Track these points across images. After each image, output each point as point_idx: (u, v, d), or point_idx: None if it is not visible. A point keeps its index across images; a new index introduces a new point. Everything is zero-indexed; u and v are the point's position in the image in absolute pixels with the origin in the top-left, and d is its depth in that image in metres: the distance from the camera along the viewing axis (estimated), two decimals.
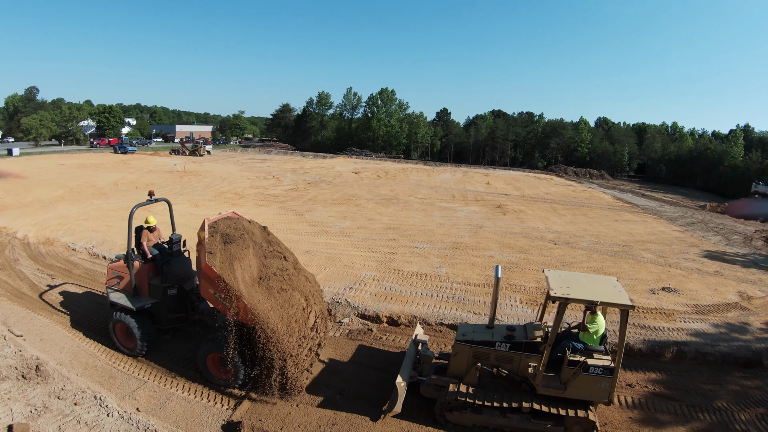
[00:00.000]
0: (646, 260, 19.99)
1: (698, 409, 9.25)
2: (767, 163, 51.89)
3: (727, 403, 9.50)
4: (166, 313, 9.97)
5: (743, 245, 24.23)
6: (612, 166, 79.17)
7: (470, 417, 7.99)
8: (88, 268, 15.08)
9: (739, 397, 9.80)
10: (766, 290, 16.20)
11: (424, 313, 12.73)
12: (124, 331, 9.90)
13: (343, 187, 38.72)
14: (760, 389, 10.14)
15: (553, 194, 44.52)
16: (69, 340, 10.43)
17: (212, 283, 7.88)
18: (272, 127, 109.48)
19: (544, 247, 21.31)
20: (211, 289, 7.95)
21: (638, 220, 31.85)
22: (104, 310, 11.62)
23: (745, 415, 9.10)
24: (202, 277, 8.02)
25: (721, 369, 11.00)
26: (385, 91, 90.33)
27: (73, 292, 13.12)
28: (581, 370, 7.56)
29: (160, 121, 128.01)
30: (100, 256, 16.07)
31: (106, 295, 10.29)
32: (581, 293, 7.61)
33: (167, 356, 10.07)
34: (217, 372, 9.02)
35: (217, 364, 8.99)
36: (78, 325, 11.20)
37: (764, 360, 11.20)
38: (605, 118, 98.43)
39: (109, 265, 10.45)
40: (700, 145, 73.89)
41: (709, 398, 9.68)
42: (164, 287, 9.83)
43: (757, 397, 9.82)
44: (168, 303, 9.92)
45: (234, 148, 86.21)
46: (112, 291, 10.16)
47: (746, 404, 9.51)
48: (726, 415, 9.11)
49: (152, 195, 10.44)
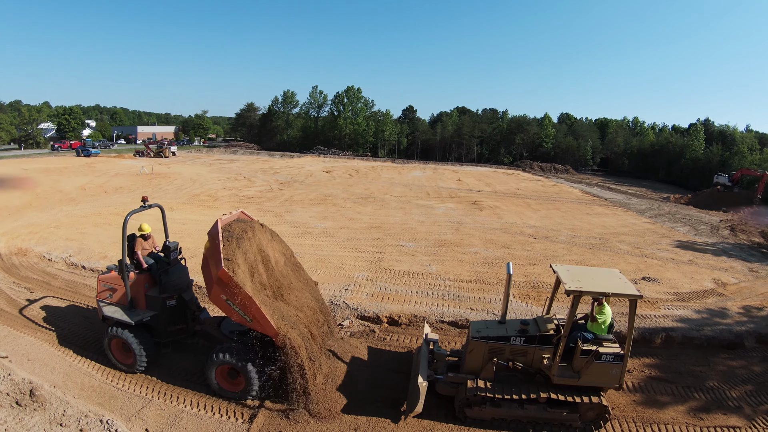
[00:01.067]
0: (623, 252, 21.10)
1: (692, 389, 10.01)
2: (727, 155, 55.34)
3: (718, 383, 10.33)
4: (165, 326, 9.70)
5: (711, 235, 25.95)
6: (576, 161, 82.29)
7: (489, 411, 8.35)
8: (67, 279, 14.45)
9: (728, 376, 10.67)
10: (738, 277, 17.50)
11: (423, 311, 13.04)
12: (121, 346, 9.54)
13: (318, 187, 38.65)
14: (745, 368, 11.06)
15: (523, 189, 45.96)
16: (59, 359, 9.95)
17: (227, 289, 7.76)
18: (237, 127, 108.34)
19: (525, 242, 22.10)
20: (224, 296, 7.84)
21: (609, 213, 33.41)
22: (92, 325, 11.24)
23: (736, 393, 9.93)
24: (215, 283, 7.85)
25: (708, 351, 11.90)
26: (351, 89, 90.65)
27: (56, 306, 12.53)
28: (594, 358, 8.05)
29: (121, 122, 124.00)
30: (78, 265, 15.45)
31: (98, 309, 9.89)
32: (593, 286, 8.11)
33: (168, 371, 9.77)
34: (228, 384, 8.84)
35: (227, 376, 8.82)
36: (66, 341, 10.69)
37: (745, 341, 12.20)
38: (568, 114, 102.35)
39: (99, 276, 10.01)
40: (661, 139, 77.99)
41: (701, 379, 10.48)
42: (163, 298, 9.55)
43: (743, 375, 10.72)
44: (167, 315, 9.66)
45: (199, 149, 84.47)
46: (105, 305, 9.76)
47: (735, 383, 10.38)
48: (718, 393, 9.91)
49: (146, 201, 10.05)
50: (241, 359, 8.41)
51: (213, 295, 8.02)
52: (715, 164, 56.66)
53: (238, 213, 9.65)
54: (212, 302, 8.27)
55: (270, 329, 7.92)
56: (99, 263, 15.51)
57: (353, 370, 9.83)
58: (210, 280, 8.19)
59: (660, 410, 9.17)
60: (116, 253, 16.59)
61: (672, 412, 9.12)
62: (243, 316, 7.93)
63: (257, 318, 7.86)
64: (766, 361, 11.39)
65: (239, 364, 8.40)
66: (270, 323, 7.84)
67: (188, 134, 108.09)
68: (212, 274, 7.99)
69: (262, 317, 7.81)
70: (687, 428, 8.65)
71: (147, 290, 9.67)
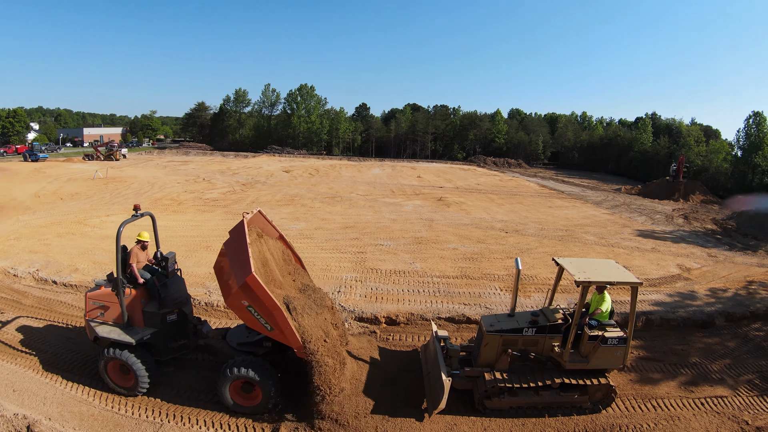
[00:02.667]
0: (590, 242, 22.59)
1: (678, 366, 11.12)
2: (675, 147, 59.69)
3: (699, 359, 11.52)
4: (166, 343, 9.28)
5: (667, 223, 28.22)
6: (528, 155, 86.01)
7: (508, 401, 8.90)
8: (39, 296, 13.53)
9: (706, 352, 11.90)
10: (700, 262, 19.28)
11: (419, 309, 13.48)
12: (118, 368, 9.03)
13: (281, 187, 38.34)
14: (720, 344, 12.38)
15: (483, 185, 47.65)
16: (49, 388, 9.25)
17: (251, 296, 7.60)
18: (187, 127, 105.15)
19: (498, 237, 23.12)
20: (247, 302, 7.68)
21: (569, 205, 35.41)
22: (77, 346, 10.67)
23: (716, 366, 11.15)
24: (240, 288, 7.60)
25: (684, 331, 13.16)
26: (305, 87, 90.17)
27: (32, 326, 11.73)
28: (600, 342, 8.83)
29: (65, 124, 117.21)
30: (49, 281, 14.53)
31: (88, 330, 9.33)
32: (599, 276, 8.88)
33: (172, 390, 9.35)
34: (243, 400, 8.64)
35: (241, 391, 8.61)
36: (51, 366, 9.98)
37: (716, 320, 13.60)
38: (518, 110, 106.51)
39: (87, 294, 9.38)
40: (610, 132, 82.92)
41: (684, 356, 11.63)
42: (163, 314, 9.12)
43: (720, 351, 12.00)
44: (168, 331, 9.25)
45: (149, 151, 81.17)
46: (97, 324, 9.18)
47: (714, 358, 11.61)
48: (701, 368, 11.07)
49: (138, 209, 9.61)
50: (259, 372, 8.28)
51: (232, 300, 7.84)
52: (663, 156, 61.07)
53: (257, 212, 9.43)
54: (229, 306, 8.15)
55: (294, 341, 7.87)
56: (71, 277, 14.74)
57: (369, 371, 9.96)
58: (230, 283, 8.00)
59: (655, 386, 10.15)
60: (87, 265, 15.94)
61: (665, 388, 10.12)
62: (264, 324, 7.85)
63: (282, 328, 7.78)
64: (737, 337, 12.79)
65: (257, 378, 8.24)
66: (295, 334, 7.81)
67: (137, 135, 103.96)
68: (234, 278, 7.82)
69: (287, 327, 7.76)
70: (681, 401, 9.63)
71: (144, 306, 9.20)
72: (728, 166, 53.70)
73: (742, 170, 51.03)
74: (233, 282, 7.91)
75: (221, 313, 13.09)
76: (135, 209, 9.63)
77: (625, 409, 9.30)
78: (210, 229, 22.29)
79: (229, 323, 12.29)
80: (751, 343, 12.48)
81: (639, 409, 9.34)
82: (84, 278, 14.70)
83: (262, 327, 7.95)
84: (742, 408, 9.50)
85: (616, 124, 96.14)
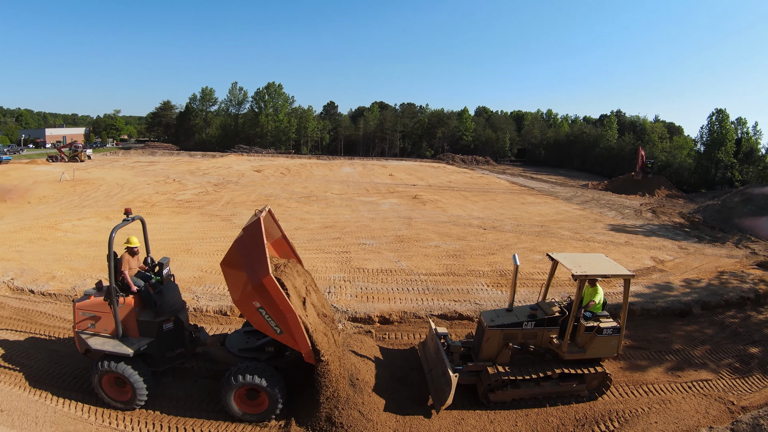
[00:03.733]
0: (566, 237, 23.45)
1: (663, 353, 11.80)
2: (639, 144, 62.31)
3: (681, 345, 12.26)
4: (163, 352, 8.98)
5: (636, 217, 29.57)
6: (495, 152, 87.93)
7: (511, 393, 9.24)
8: (16, 307, 12.82)
9: (687, 339, 12.67)
10: (672, 254, 20.37)
11: (411, 307, 13.69)
12: (113, 382, 8.70)
13: (254, 187, 37.90)
14: (699, 332, 13.19)
15: (455, 182, 48.50)
16: (38, 406, 8.71)
17: (265, 297, 7.47)
18: (152, 127, 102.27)
19: (478, 233, 23.67)
20: (259, 303, 7.58)
21: (541, 201, 36.52)
22: (63, 359, 10.25)
23: (698, 352, 11.90)
24: (254, 288, 7.47)
25: (664, 320, 13.94)
26: (273, 85, 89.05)
27: (11, 339, 11.09)
28: (596, 333, 9.31)
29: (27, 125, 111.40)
30: (25, 290, 13.76)
31: (77, 342, 8.94)
32: (594, 269, 9.34)
33: (171, 401, 8.97)
34: (248, 407, 8.52)
35: (245, 398, 8.47)
36: (39, 382, 9.43)
37: (693, 309, 14.44)
38: (485, 107, 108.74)
39: (76, 304, 8.92)
40: (576, 129, 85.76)
41: (667, 344, 12.34)
42: (159, 322, 8.82)
43: (700, 338, 12.79)
44: (165, 340, 8.97)
45: (114, 151, 78.26)
46: (89, 336, 8.79)
47: (695, 344, 12.38)
48: (685, 354, 11.80)
49: (129, 213, 9.09)
50: (266, 378, 8.21)
51: (243, 300, 7.72)
52: (628, 153, 63.70)
53: (267, 210, 9.18)
54: (237, 306, 8.04)
55: (305, 345, 7.80)
56: (48, 285, 14.06)
57: (372, 371, 10.00)
58: (241, 283, 7.81)
59: (644, 373, 10.75)
60: (64, 272, 15.31)
61: (654, 374, 10.74)
62: (273, 327, 7.77)
63: (293, 334, 7.68)
64: (714, 325, 13.65)
65: (264, 384, 8.15)
66: (306, 339, 7.75)
67: (100, 136, 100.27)
68: (247, 278, 7.65)
69: (299, 331, 7.68)
70: (670, 385, 10.27)
71: (138, 315, 8.85)
72: (692, 161, 56.57)
73: (705, 165, 53.93)
74: (246, 282, 7.73)
75: (211, 318, 12.95)
76: (126, 213, 9.15)
77: (619, 395, 9.83)
78: (187, 231, 21.85)
79: (221, 328, 12.18)
80: (728, 329, 13.36)
81: (632, 395, 9.89)
82: (62, 286, 14.13)
83: (271, 330, 7.86)
84: (726, 390, 10.23)
85: (581, 121, 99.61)
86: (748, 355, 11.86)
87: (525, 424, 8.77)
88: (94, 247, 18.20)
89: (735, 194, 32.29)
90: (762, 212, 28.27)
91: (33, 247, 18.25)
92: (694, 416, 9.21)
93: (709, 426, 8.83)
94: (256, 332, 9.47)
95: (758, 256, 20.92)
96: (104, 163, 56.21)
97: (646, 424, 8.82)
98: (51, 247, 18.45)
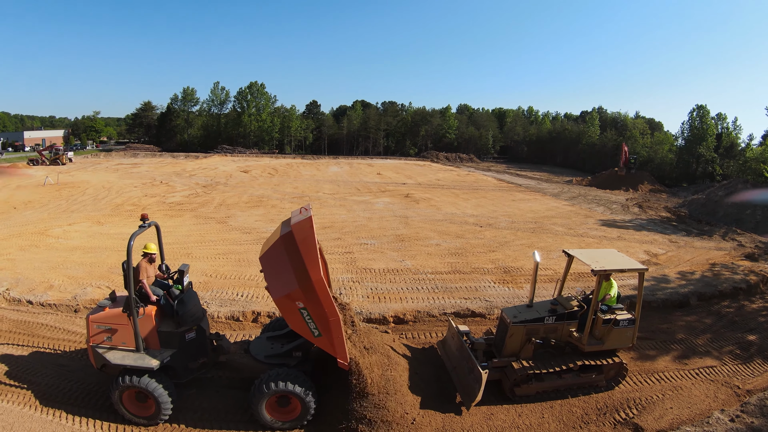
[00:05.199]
0: (561, 233, 24.17)
1: (668, 342, 12.45)
2: (621, 140, 63.94)
3: (684, 335, 12.94)
4: (186, 364, 8.83)
5: (624, 212, 30.55)
6: (478, 150, 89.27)
7: (535, 386, 9.69)
8: (15, 319, 12.54)
9: (689, 329, 13.36)
10: (664, 248, 21.22)
11: (424, 306, 14.03)
12: (134, 397, 8.50)
13: (245, 188, 37.84)
14: (698, 321, 13.92)
15: (443, 180, 49.15)
16: (55, 426, 8.43)
17: (311, 298, 7.45)
18: (133, 128, 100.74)
19: (475, 231, 24.21)
20: (302, 303, 7.52)
21: (530, 198, 37.36)
22: (72, 374, 9.98)
23: (701, 341, 12.59)
24: (300, 287, 7.38)
25: (665, 311, 14.63)
26: (255, 84, 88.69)
27: (15, 355, 10.78)
28: (613, 325, 9.85)
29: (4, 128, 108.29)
30: (23, 300, 13.43)
31: (92, 357, 8.64)
32: (611, 264, 9.88)
33: (195, 413, 8.86)
34: (280, 415, 8.49)
35: (276, 405, 8.43)
36: (49, 401, 9.11)
37: (691, 300, 15.18)
38: (466, 105, 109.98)
39: (90, 317, 8.57)
40: (558, 126, 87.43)
41: (671, 334, 13.00)
42: (182, 332, 8.65)
43: (700, 327, 13.51)
44: (188, 350, 8.80)
45: (95, 153, 76.57)
46: (106, 350, 8.50)
47: (696, 334, 13.08)
48: (688, 343, 12.47)
49: (146, 219, 8.86)
50: (299, 384, 8.19)
51: (286, 299, 7.60)
52: (610, 148, 65.40)
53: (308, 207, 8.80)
54: (277, 304, 7.85)
55: (342, 351, 7.85)
56: (47, 295, 13.79)
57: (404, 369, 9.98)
58: (285, 280, 7.67)
59: (654, 362, 11.36)
60: (62, 281, 15.12)
61: (663, 363, 11.36)
62: (312, 329, 7.74)
63: (333, 337, 7.72)
64: (712, 314, 14.41)
65: (297, 390, 8.13)
66: (344, 345, 7.79)
67: (79, 138, 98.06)
68: (293, 276, 7.52)
69: (339, 336, 7.73)
70: (679, 373, 10.90)
71: (158, 326, 8.63)
72: (673, 156, 58.36)
73: (687, 160, 55.75)
74: (291, 280, 7.56)
75: (223, 324, 12.91)
76: (143, 219, 8.88)
77: (634, 384, 10.40)
78: (184, 235, 21.75)
79: (234, 335, 12.25)
80: (725, 318, 14.13)
81: (646, 383, 10.47)
82: (62, 296, 13.90)
83: (309, 332, 7.81)
84: (731, 375, 10.92)
85: (562, 118, 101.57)
86: (747, 342, 12.61)
87: (551, 416, 9.24)
88: (90, 254, 18.07)
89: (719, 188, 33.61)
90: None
91: (25, 255, 17.92)
92: (704, 400, 9.82)
93: (721, 409, 9.45)
94: (280, 338, 9.62)
95: (745, 248, 21.97)
96: (86, 166, 55.25)
97: (662, 410, 9.39)
98: (44, 254, 18.08)
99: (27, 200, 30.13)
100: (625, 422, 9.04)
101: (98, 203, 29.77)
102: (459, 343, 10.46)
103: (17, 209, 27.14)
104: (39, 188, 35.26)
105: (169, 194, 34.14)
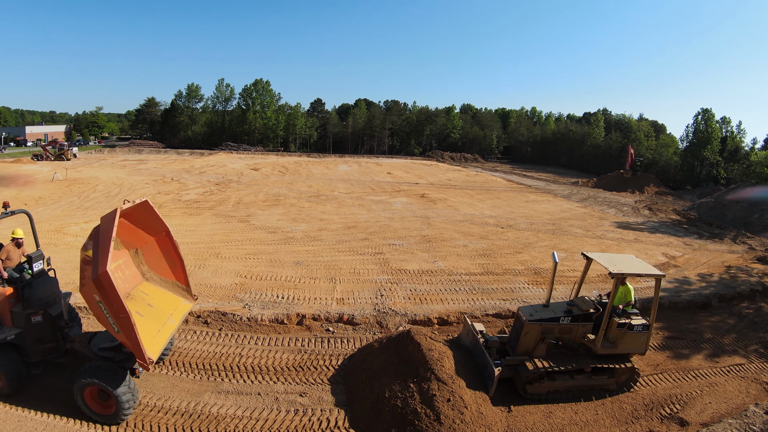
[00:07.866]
0: (580, 235, 25.02)
1: (697, 341, 13.32)
2: (626, 141, 64.89)
3: (712, 335, 13.81)
4: (33, 345, 9.29)
5: (635, 215, 31.45)
6: (482, 150, 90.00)
7: (547, 385, 10.14)
8: None
9: (715, 329, 14.25)
10: (680, 251, 22.11)
11: (466, 308, 14.62)
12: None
13: (259, 186, 38.41)
14: (722, 322, 14.81)
15: (454, 180, 49.91)
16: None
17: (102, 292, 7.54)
18: (136, 124, 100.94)
19: (497, 232, 25.01)
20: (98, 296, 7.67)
21: (543, 199, 38.22)
22: None
23: (727, 340, 13.48)
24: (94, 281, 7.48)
25: (690, 312, 15.51)
26: (260, 81, 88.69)
27: None
28: (627, 329, 10.35)
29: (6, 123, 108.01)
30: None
31: None
32: (629, 269, 10.39)
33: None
34: (98, 407, 8.77)
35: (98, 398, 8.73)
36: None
37: (713, 302, 16.05)
38: (470, 105, 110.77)
39: None
40: (562, 127, 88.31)
41: (699, 333, 13.87)
42: (27, 314, 9.12)
43: (724, 327, 14.39)
44: (34, 332, 9.25)
45: (99, 149, 76.47)
46: None
47: (722, 333, 13.97)
48: (716, 342, 13.35)
49: (7, 207, 9.73)
50: (109, 380, 8.28)
51: (85, 291, 7.90)
52: (615, 150, 66.27)
53: (144, 201, 9.65)
54: (82, 296, 8.09)
55: (138, 351, 7.79)
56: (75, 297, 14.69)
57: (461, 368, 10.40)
58: (86, 273, 7.97)
59: (688, 360, 12.22)
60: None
61: (696, 361, 12.23)
62: (112, 324, 7.81)
63: (128, 336, 7.75)
64: (734, 315, 15.32)
65: (105, 385, 8.23)
66: (140, 345, 7.70)
67: (82, 133, 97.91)
68: (90, 269, 7.76)
69: (132, 336, 7.66)
70: (711, 370, 11.77)
71: (12, 305, 9.14)
72: (678, 159, 59.34)
73: (691, 163, 56.71)
74: (89, 272, 7.75)
75: (267, 327, 12.90)
76: (4, 206, 9.78)
77: (673, 381, 11.24)
78: (207, 234, 22.09)
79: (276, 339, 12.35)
80: (746, 319, 15.03)
81: (684, 380, 11.32)
82: None
83: (110, 327, 7.92)
84: (759, 372, 11.81)
85: (565, 119, 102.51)
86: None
87: (604, 412, 9.96)
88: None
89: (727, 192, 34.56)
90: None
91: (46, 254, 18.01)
92: (738, 396, 10.70)
93: (755, 403, 10.33)
94: None
95: (756, 251, 22.91)
96: (92, 162, 55.28)
97: (702, 405, 10.25)
98: (64, 254, 17.51)
99: (38, 197, 30.28)
100: (671, 416, 9.86)
101: (111, 200, 30.15)
102: (474, 340, 10.95)
103: (28, 206, 27.41)
104: (48, 184, 35.35)
105: (183, 192, 34.50)
